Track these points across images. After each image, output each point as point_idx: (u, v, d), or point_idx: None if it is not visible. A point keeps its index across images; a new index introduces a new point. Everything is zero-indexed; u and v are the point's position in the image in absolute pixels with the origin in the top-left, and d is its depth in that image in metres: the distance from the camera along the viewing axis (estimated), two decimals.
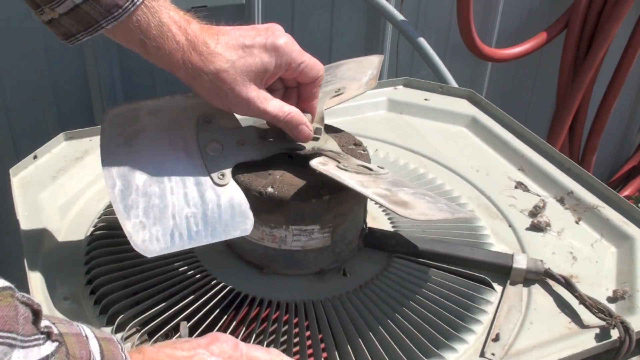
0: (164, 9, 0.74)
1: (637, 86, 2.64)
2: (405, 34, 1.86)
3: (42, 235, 0.94)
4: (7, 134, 1.61)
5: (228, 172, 0.80)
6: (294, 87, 0.86)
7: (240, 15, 1.71)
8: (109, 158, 0.78)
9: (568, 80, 2.29)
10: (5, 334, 0.45)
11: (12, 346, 0.46)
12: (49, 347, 0.49)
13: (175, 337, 0.76)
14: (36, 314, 0.50)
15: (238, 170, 0.82)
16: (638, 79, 2.59)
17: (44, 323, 0.50)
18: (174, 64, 0.76)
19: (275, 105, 0.80)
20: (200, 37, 0.76)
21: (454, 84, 1.83)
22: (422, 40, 1.86)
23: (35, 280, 0.85)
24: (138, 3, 0.72)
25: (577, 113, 2.36)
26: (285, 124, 0.82)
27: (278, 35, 0.79)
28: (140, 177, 0.78)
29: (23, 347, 0.47)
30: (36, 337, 0.48)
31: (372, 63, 1.02)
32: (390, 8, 1.82)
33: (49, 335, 0.50)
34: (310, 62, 0.81)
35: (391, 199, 0.75)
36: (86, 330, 0.55)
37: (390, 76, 2.02)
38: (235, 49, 0.77)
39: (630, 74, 2.35)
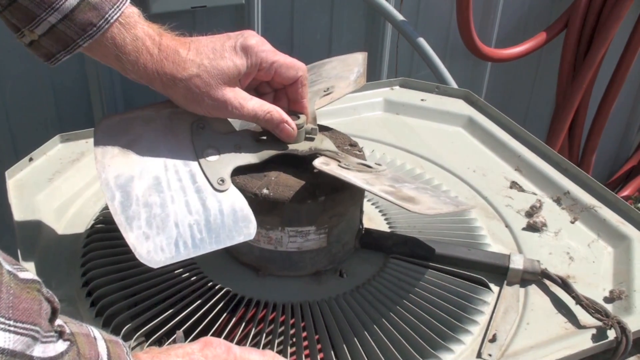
0: (138, 25, 0.76)
1: (637, 86, 2.63)
2: (404, 34, 1.86)
3: (37, 237, 0.94)
4: (7, 135, 1.61)
5: (227, 177, 0.80)
6: (282, 89, 0.86)
7: (240, 16, 1.70)
8: (105, 170, 0.77)
9: (568, 80, 2.29)
10: (29, 326, 0.46)
11: (35, 339, 0.47)
12: (61, 345, 0.50)
13: (167, 343, 0.76)
14: (54, 312, 0.51)
15: (233, 173, 0.81)
16: (638, 79, 2.59)
17: (57, 322, 0.51)
18: (150, 77, 0.77)
19: (255, 105, 0.81)
20: (172, 46, 0.77)
21: (453, 84, 1.83)
22: (422, 41, 1.86)
23: None
24: (112, 20, 0.73)
25: (577, 113, 2.36)
26: (266, 122, 0.82)
27: (248, 37, 0.80)
28: (139, 188, 0.77)
29: (42, 342, 0.48)
30: (51, 334, 0.49)
31: (356, 60, 1.01)
32: (390, 8, 1.82)
33: (61, 334, 0.50)
34: (285, 61, 0.82)
35: (398, 195, 0.75)
36: (94, 331, 0.55)
37: (389, 76, 2.02)
38: (205, 54, 0.78)
39: (630, 74, 2.34)
